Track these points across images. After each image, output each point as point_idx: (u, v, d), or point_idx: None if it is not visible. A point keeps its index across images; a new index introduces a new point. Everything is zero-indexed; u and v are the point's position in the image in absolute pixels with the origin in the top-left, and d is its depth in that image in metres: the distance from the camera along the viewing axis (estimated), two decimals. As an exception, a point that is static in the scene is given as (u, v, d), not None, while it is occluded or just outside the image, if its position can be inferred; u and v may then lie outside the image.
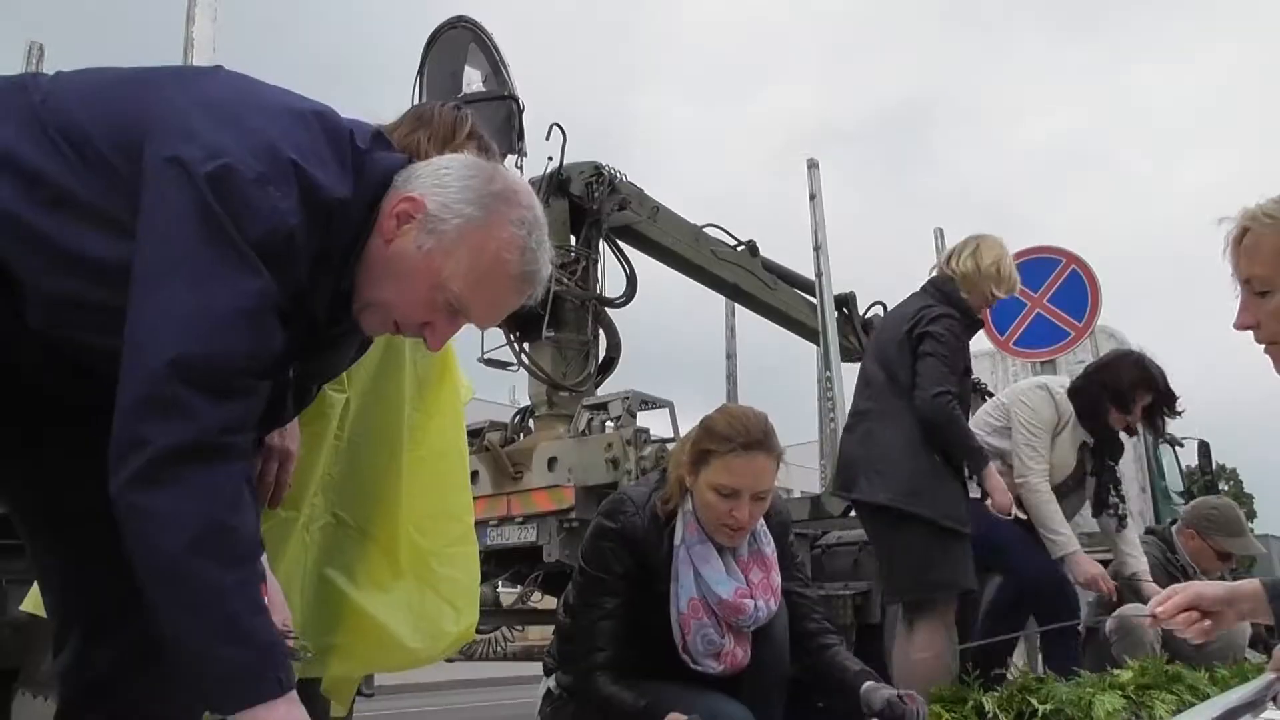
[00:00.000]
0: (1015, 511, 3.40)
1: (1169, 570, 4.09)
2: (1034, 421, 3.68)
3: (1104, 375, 3.75)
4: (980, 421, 3.82)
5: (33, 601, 1.76)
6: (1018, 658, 4.34)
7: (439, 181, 1.42)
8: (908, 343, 3.32)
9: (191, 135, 1.28)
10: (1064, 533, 3.54)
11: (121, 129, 1.31)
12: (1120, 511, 3.89)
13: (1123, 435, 3.84)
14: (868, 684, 2.33)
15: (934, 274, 3.55)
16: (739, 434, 2.28)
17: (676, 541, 2.36)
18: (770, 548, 2.45)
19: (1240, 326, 1.78)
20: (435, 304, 1.40)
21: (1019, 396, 3.80)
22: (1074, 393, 3.78)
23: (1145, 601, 2.41)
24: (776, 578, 2.42)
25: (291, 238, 1.28)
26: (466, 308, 1.42)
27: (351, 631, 1.97)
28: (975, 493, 3.41)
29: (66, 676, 1.50)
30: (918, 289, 3.52)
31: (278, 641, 1.26)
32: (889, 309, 7.67)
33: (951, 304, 3.39)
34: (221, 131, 1.29)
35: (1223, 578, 4.21)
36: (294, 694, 1.25)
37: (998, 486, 3.33)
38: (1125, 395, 3.67)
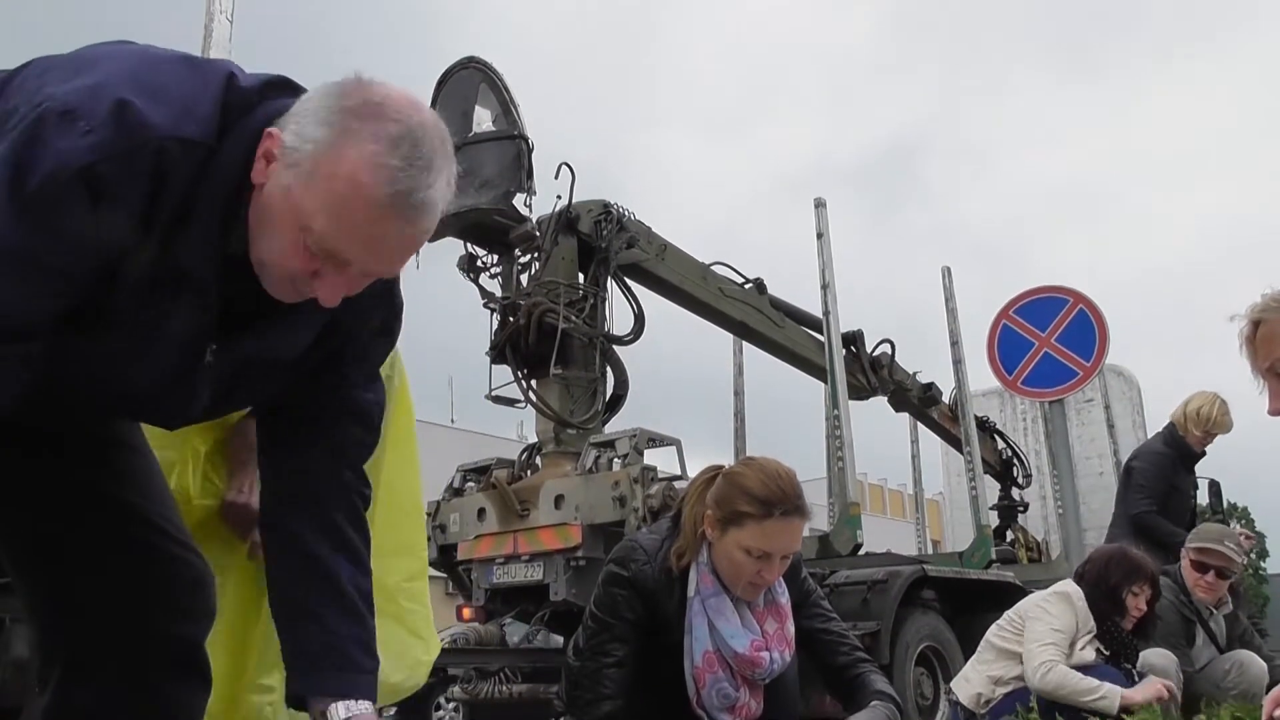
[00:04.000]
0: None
1: (1183, 613, 4.02)
2: (1053, 627, 3.37)
3: (1091, 580, 3.46)
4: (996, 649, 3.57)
5: None
6: None
7: (299, 109, 1.22)
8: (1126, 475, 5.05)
9: (33, 91, 1.17)
10: (1102, 687, 3.23)
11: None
12: None
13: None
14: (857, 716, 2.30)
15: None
16: (777, 500, 2.23)
17: (690, 593, 2.31)
18: (785, 597, 2.41)
19: (1274, 413, 1.83)
20: (307, 249, 1.21)
21: (1038, 603, 3.48)
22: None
23: None
24: (790, 628, 2.37)
25: (87, 173, 1.12)
26: (338, 249, 1.21)
27: None
28: None
29: (47, 716, 1.45)
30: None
31: None
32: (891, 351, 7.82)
33: (1167, 444, 4.98)
34: (60, 82, 1.17)
35: (1232, 612, 4.15)
36: None
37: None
38: (1117, 595, 3.41)
